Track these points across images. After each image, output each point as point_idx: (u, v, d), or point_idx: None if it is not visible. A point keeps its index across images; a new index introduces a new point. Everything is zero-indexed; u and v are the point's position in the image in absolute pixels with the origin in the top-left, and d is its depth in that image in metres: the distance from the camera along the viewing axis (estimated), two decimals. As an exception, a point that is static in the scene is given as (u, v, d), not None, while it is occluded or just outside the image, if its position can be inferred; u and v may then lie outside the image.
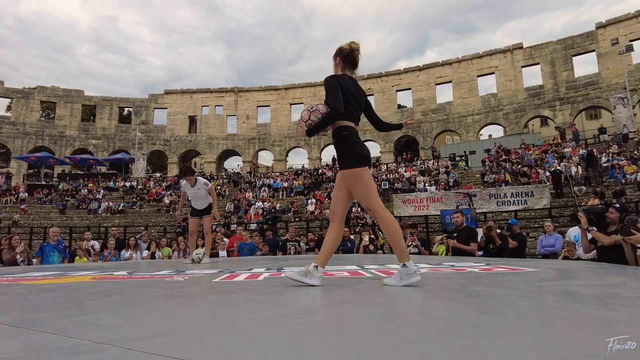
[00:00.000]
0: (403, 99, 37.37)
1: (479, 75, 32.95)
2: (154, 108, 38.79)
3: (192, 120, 38.98)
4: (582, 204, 13.38)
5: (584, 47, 29.43)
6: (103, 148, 36.94)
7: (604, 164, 18.01)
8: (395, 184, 21.60)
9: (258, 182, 27.10)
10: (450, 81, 33.81)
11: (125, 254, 8.99)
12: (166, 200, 24.58)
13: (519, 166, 20.14)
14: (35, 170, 33.18)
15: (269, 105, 38.33)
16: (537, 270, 3.50)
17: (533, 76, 31.90)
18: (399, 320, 1.57)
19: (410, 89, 35.15)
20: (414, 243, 7.75)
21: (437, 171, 22.54)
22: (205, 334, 1.36)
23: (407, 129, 33.35)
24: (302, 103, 36.06)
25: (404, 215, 17.17)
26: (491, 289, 2.36)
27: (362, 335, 1.34)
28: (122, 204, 24.77)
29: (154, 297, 2.43)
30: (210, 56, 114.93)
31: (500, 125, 32.20)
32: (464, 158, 25.23)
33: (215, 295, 2.42)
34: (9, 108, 37.16)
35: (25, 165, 34.33)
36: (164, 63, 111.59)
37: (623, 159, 17.74)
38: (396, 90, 35.71)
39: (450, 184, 20.53)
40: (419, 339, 1.27)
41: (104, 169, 33.87)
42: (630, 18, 27.59)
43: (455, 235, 6.86)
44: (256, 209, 21.38)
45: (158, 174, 35.84)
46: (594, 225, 4.74)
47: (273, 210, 21.04)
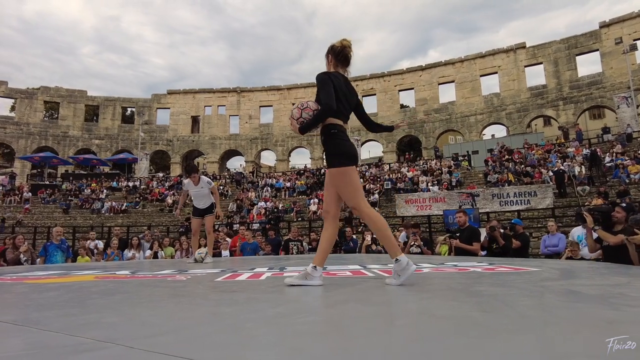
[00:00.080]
0: (405, 99, 37.33)
1: (481, 75, 32.88)
2: (157, 108, 38.90)
3: (195, 120, 39.08)
4: (586, 203, 13.32)
5: (587, 47, 29.31)
6: (106, 148, 37.07)
7: (607, 164, 17.93)
8: (398, 184, 21.57)
9: (260, 182, 27.12)
10: (453, 81, 33.75)
11: (128, 253, 9.01)
12: (169, 200, 24.64)
13: (522, 166, 20.08)
14: (39, 170, 33.33)
15: (272, 105, 38.36)
16: (540, 270, 3.49)
17: (536, 76, 31.82)
18: (401, 319, 1.57)
19: (412, 88, 35.11)
20: (416, 243, 7.73)
21: (440, 171, 22.49)
22: (207, 333, 1.36)
23: (405, 129, 33.39)
24: (305, 103, 36.02)
25: (406, 215, 17.14)
26: (494, 289, 2.35)
27: (364, 334, 1.33)
28: (125, 204, 24.86)
29: (156, 296, 2.43)
30: (213, 56, 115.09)
31: (503, 125, 32.12)
32: (466, 158, 25.15)
33: (218, 295, 2.42)
34: (13, 108, 37.34)
35: (29, 165, 34.49)
36: (167, 63, 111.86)
37: (627, 158, 17.65)
38: (399, 90, 35.68)
39: (453, 183, 20.48)
40: (421, 338, 1.27)
41: (107, 169, 33.98)
42: (634, 17, 27.48)
43: (457, 235, 6.84)
44: (259, 208, 21.41)
45: (161, 174, 35.91)
46: (600, 224, 4.70)
47: (275, 210, 21.05)
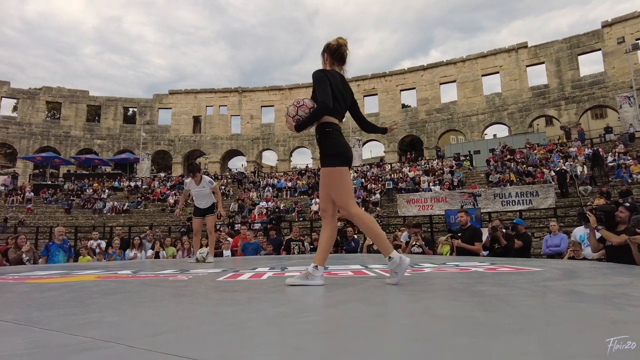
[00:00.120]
0: (407, 99, 37.32)
1: (483, 75, 32.84)
2: (159, 108, 38.97)
3: (197, 120, 39.13)
4: (588, 203, 13.29)
5: (589, 46, 29.25)
6: (108, 148, 37.16)
7: (610, 164, 17.89)
8: (400, 184, 21.55)
9: (262, 182, 27.14)
10: (454, 81, 33.72)
11: (129, 253, 9.03)
12: (170, 200, 24.67)
13: (524, 166, 20.04)
14: (41, 170, 33.42)
15: (273, 105, 38.39)
16: (543, 269, 3.47)
17: (538, 75, 31.75)
18: (403, 319, 1.56)
19: (414, 88, 35.09)
20: (417, 243, 7.72)
21: (442, 171, 22.46)
22: (209, 333, 1.36)
23: (402, 129, 33.32)
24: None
25: (408, 215, 17.13)
26: (496, 289, 2.34)
27: (366, 334, 1.33)
28: (127, 204, 24.91)
29: (157, 296, 2.43)
30: (214, 56, 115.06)
31: (505, 124, 32.07)
32: (468, 158, 25.13)
33: (219, 294, 2.42)
34: (15, 108, 37.45)
35: (31, 165, 34.58)
36: (168, 63, 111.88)
37: (629, 158, 17.60)
38: (400, 90, 35.66)
39: (455, 183, 20.45)
40: (423, 338, 1.26)
41: (108, 169, 34.06)
42: (637, 16, 27.40)
43: (459, 235, 6.83)
44: (260, 208, 21.43)
45: (162, 174, 35.94)
46: (603, 224, 4.68)
47: (277, 210, 21.06)
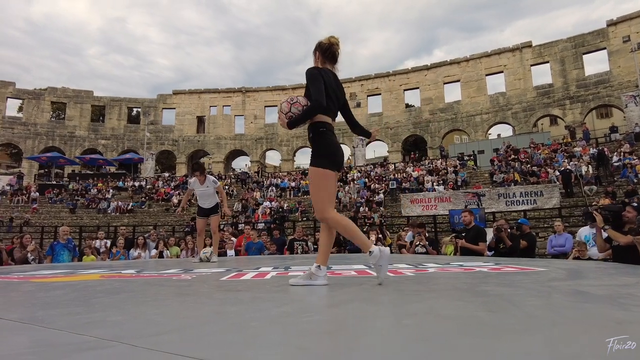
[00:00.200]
0: (411, 99, 37.25)
1: (487, 74, 32.69)
2: (163, 108, 39.09)
3: (200, 120, 39.21)
4: (593, 203, 13.21)
5: (594, 45, 29.04)
6: (112, 148, 37.31)
7: (615, 163, 17.77)
8: (403, 184, 21.50)
9: (266, 182, 27.16)
10: (458, 80, 33.59)
11: (133, 252, 9.07)
12: (174, 199, 24.74)
13: (528, 165, 19.95)
14: (46, 170, 33.62)
15: (277, 105, 38.10)
16: (547, 270, 3.45)
17: (542, 75, 31.55)
18: (406, 319, 1.55)
19: (418, 88, 34.99)
20: (421, 243, 7.70)
21: (446, 171, 22.40)
22: (212, 332, 1.35)
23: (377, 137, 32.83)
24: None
25: (411, 215, 17.09)
26: (500, 289, 2.33)
27: (369, 334, 1.32)
28: (131, 204, 25.00)
29: (161, 295, 2.44)
30: (218, 56, 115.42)
31: (509, 124, 31.92)
32: (472, 157, 25.05)
33: (222, 294, 2.42)
34: (21, 109, 37.69)
35: (37, 165, 34.79)
36: (172, 64, 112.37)
37: (635, 157, 17.48)
38: (404, 90, 35.57)
39: (459, 183, 20.39)
40: (427, 338, 1.26)
41: (113, 169, 34.19)
42: (642, 15, 27.19)
43: (463, 235, 6.81)
44: (264, 208, 21.44)
45: (166, 174, 36.05)
46: (610, 224, 4.63)
47: (280, 209, 21.07)
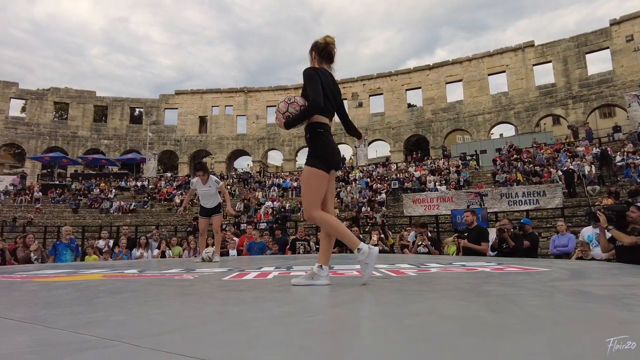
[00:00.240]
0: (413, 98, 37.17)
1: (489, 74, 32.62)
2: (165, 108, 39.16)
3: (203, 120, 39.27)
4: (596, 203, 13.17)
5: (597, 44, 28.93)
6: (115, 148, 37.41)
7: (618, 163, 17.70)
8: (405, 184, 21.48)
9: (268, 182, 27.18)
10: (460, 80, 33.53)
11: (136, 252, 9.08)
12: (177, 199, 24.79)
13: (531, 165, 19.89)
14: (49, 170, 33.72)
15: (279, 105, 38.38)
16: (550, 270, 3.44)
17: (545, 74, 31.46)
18: (408, 319, 1.55)
19: (420, 87, 34.94)
20: (423, 243, 7.69)
21: (448, 170, 22.36)
22: (214, 332, 1.35)
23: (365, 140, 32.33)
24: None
25: (414, 215, 17.07)
26: (503, 289, 2.32)
27: (371, 334, 1.32)
28: (134, 204, 25.06)
29: (163, 295, 2.44)
30: (220, 56, 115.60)
31: (512, 124, 31.85)
32: (474, 157, 25.00)
33: (224, 294, 2.42)
34: (24, 109, 37.82)
35: (40, 165, 34.91)
36: (174, 63, 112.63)
37: (638, 157, 17.39)
38: (406, 90, 35.53)
39: (461, 183, 20.35)
40: (429, 338, 1.25)
41: (115, 169, 34.28)
42: (646, 14, 27.07)
43: (466, 234, 6.79)
44: (266, 208, 21.46)
45: (169, 174, 36.11)
46: (613, 224, 4.60)
47: (282, 209, 21.07)
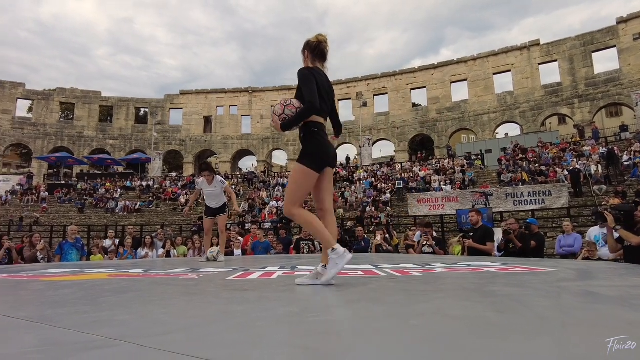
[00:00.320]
0: (418, 98, 37.07)
1: (494, 73, 32.45)
2: (170, 108, 39.31)
3: (207, 120, 39.38)
4: (603, 203, 13.06)
5: (604, 43, 28.68)
6: (120, 148, 37.60)
7: (625, 163, 17.54)
8: (410, 183, 21.42)
9: (272, 182, 27.20)
10: (465, 79, 33.38)
11: (141, 252, 9.12)
12: (182, 199, 24.87)
13: (536, 165, 19.76)
14: (55, 170, 33.98)
15: (283, 105, 38.42)
16: (556, 270, 3.41)
17: (551, 73, 31.22)
18: (413, 319, 1.54)
19: (425, 87, 34.82)
20: (428, 243, 7.65)
21: (453, 170, 22.27)
22: (218, 331, 1.35)
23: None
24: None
25: (418, 215, 17.02)
26: (509, 289, 2.31)
27: (377, 334, 1.31)
28: (139, 203, 25.17)
29: (168, 295, 2.45)
30: (225, 57, 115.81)
31: (517, 123, 31.67)
32: (479, 157, 24.89)
33: (229, 293, 2.42)
34: (30, 109, 38.13)
35: (46, 165, 35.18)
36: (180, 64, 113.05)
37: (645, 157, 17.25)
38: (411, 89, 35.41)
39: (466, 183, 20.25)
40: (434, 339, 1.24)
41: (121, 169, 34.45)
42: (653, 12, 26.81)
43: (471, 234, 6.75)
44: (270, 208, 21.46)
45: (174, 174, 36.25)
46: (621, 223, 4.55)
47: (287, 209, 21.03)
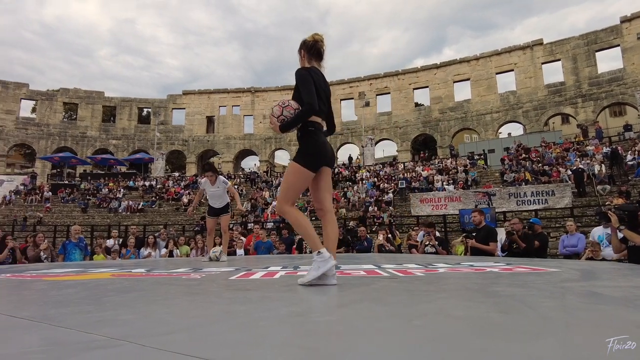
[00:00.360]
0: (420, 97, 37.05)
1: (497, 73, 32.37)
2: (173, 108, 39.41)
3: (210, 120, 39.45)
4: (606, 203, 13.00)
5: (607, 42, 28.56)
6: (123, 148, 37.71)
7: (629, 162, 17.46)
8: (413, 183, 21.39)
9: (275, 181, 27.22)
10: (468, 79, 33.31)
11: (144, 251, 9.14)
12: (185, 199, 24.92)
13: (540, 165, 19.70)
14: (59, 170, 34.10)
15: (286, 105, 38.43)
16: (560, 270, 3.40)
17: (554, 73, 31.14)
18: (416, 320, 1.53)
19: (427, 87, 34.77)
20: (430, 243, 7.63)
21: (456, 170, 22.22)
22: (221, 331, 1.35)
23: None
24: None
25: (421, 215, 16.99)
26: (512, 289, 2.30)
27: (379, 334, 1.31)
28: (142, 203, 25.23)
29: (171, 294, 2.45)
30: (227, 57, 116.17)
31: (520, 123, 31.58)
32: (482, 156, 24.83)
33: (231, 293, 2.42)
34: (34, 110, 38.30)
35: (49, 165, 35.33)
36: (181, 64, 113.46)
37: (650, 156, 17.17)
38: (413, 89, 35.37)
39: (469, 182, 20.21)
40: (437, 339, 1.24)
41: (124, 169, 34.56)
42: (657, 11, 26.69)
43: (474, 234, 6.74)
44: (273, 207, 21.47)
45: (177, 174, 36.34)
46: (625, 224, 4.53)
47: (289, 209, 21.04)
